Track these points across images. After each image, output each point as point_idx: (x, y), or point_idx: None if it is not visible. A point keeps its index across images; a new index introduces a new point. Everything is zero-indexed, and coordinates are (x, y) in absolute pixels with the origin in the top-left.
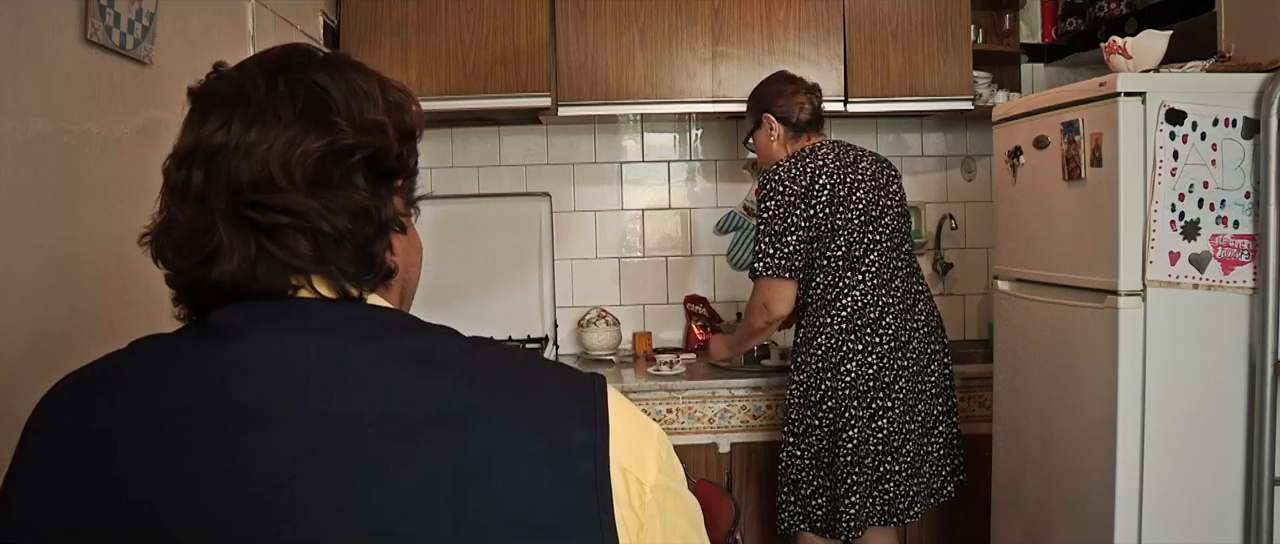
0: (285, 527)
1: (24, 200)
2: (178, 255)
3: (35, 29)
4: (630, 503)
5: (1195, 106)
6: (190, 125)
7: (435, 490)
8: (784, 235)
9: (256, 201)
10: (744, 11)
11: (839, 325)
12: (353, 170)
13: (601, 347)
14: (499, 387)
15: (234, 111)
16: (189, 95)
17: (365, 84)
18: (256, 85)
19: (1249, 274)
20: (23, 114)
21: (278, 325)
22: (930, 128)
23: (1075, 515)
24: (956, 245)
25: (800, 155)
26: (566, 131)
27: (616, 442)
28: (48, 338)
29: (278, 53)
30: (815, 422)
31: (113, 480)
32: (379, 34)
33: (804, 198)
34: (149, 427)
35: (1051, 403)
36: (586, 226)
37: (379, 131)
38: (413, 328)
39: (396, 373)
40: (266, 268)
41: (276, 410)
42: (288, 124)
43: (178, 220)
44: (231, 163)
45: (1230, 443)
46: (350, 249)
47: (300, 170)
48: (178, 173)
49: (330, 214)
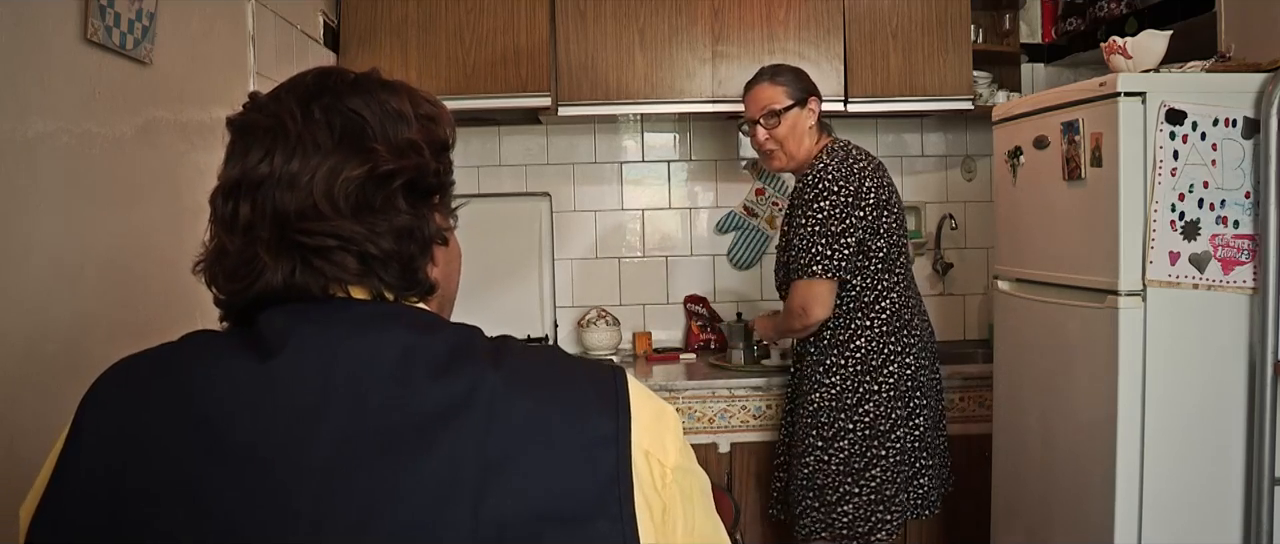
0: (322, 517)
1: (24, 200)
2: (229, 281)
3: (35, 29)
4: (654, 485)
5: (1195, 106)
6: (233, 156)
7: (463, 481)
8: (843, 236)
9: (303, 229)
10: (744, 11)
11: (879, 328)
12: (394, 194)
13: (601, 347)
14: (523, 380)
15: (274, 142)
16: (228, 126)
17: (397, 104)
18: (293, 115)
19: (1249, 274)
20: (23, 114)
21: (318, 324)
22: (930, 128)
23: (1075, 515)
24: (956, 245)
25: (844, 159)
26: (566, 131)
27: (639, 426)
28: (47, 338)
29: (311, 80)
30: (850, 425)
31: (160, 463)
32: (379, 34)
33: (856, 199)
34: (198, 415)
35: (1051, 403)
36: (586, 226)
37: (415, 152)
38: (440, 325)
39: (426, 368)
40: (310, 279)
41: (315, 402)
42: (327, 152)
43: (228, 251)
44: (276, 193)
45: (1230, 443)
46: (396, 267)
47: (344, 198)
48: (225, 205)
49: (376, 237)
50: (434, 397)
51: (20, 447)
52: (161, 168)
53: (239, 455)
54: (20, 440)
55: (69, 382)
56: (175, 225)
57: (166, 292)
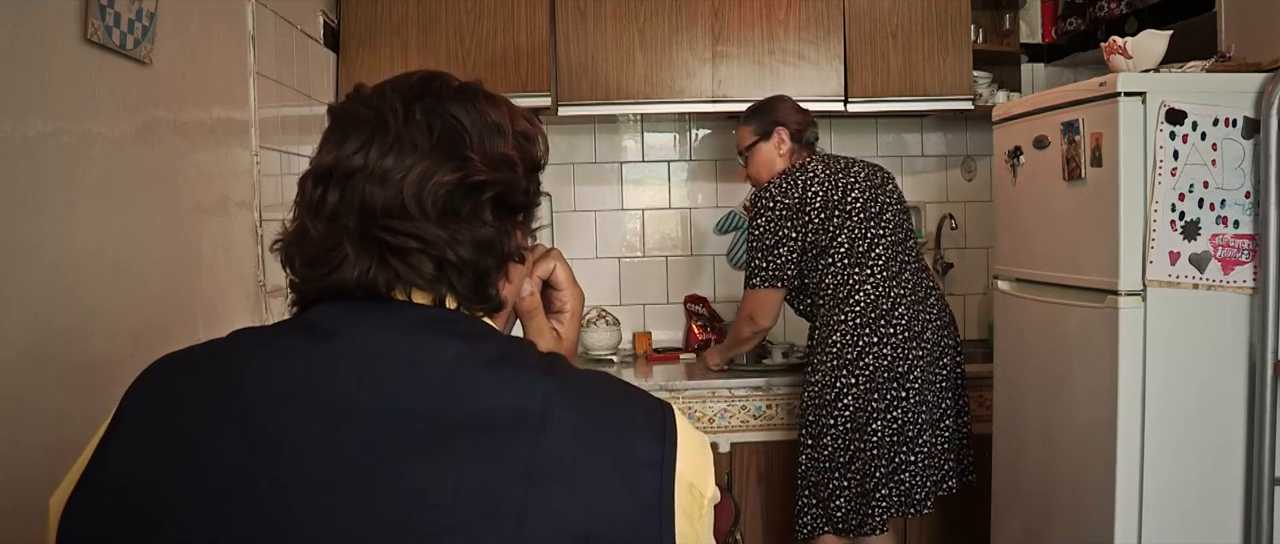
0: (366, 516)
1: (24, 200)
2: (306, 266)
3: (35, 29)
4: (691, 516)
5: (1195, 106)
6: (329, 144)
7: (509, 490)
8: (775, 248)
9: (387, 225)
10: (744, 11)
11: (853, 321)
12: (482, 205)
13: (601, 347)
14: (573, 396)
15: (372, 136)
16: (329, 113)
17: (496, 116)
18: (395, 112)
19: (1249, 274)
20: (23, 114)
21: (372, 323)
22: (930, 128)
23: (1075, 515)
24: (956, 245)
25: (790, 172)
26: (566, 131)
27: (684, 457)
28: (48, 338)
29: (417, 80)
30: (830, 420)
31: (204, 455)
32: (379, 34)
33: (798, 210)
34: (243, 409)
35: (1051, 403)
36: (586, 226)
37: (508, 167)
38: (494, 336)
39: (477, 373)
40: (382, 276)
41: (365, 403)
42: (423, 154)
43: (311, 235)
44: (366, 187)
45: (1230, 443)
46: (471, 277)
47: (432, 201)
48: (314, 190)
49: (456, 244)
50: (483, 403)
51: (21, 446)
52: (161, 168)
53: (283, 451)
54: (20, 440)
55: (69, 381)
56: (175, 225)
57: (167, 291)
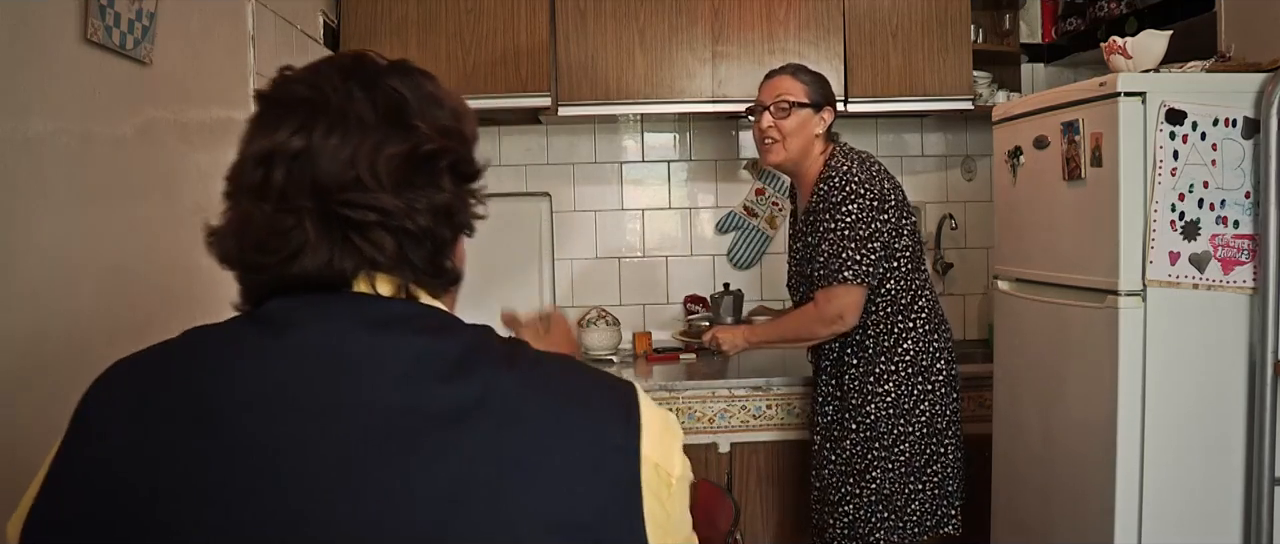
0: (332, 517)
1: (24, 200)
2: (259, 252)
3: (35, 29)
4: (659, 496)
5: (1195, 106)
6: (262, 128)
7: (476, 484)
8: (869, 241)
9: (347, 200)
10: (744, 11)
11: (921, 328)
12: (439, 173)
13: (601, 347)
14: (537, 385)
15: (314, 115)
16: (258, 98)
17: (433, 89)
18: (335, 88)
19: (1249, 274)
20: (23, 114)
21: (330, 316)
22: (930, 128)
23: (1075, 515)
24: (956, 245)
25: (863, 161)
26: (566, 131)
27: (649, 438)
28: (47, 338)
29: (348, 58)
30: (909, 428)
31: (169, 466)
32: (379, 34)
33: (880, 204)
34: (206, 415)
35: (1051, 403)
36: (586, 226)
37: (455, 136)
38: (454, 328)
39: (439, 370)
40: (346, 263)
41: (326, 401)
42: (370, 127)
43: (255, 219)
44: (317, 164)
45: (1230, 443)
46: (429, 247)
47: (387, 172)
48: (254, 172)
49: (414, 213)
50: (446, 399)
51: (20, 447)
52: (161, 168)
53: (250, 457)
54: (20, 441)
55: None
56: (175, 225)
57: (166, 292)
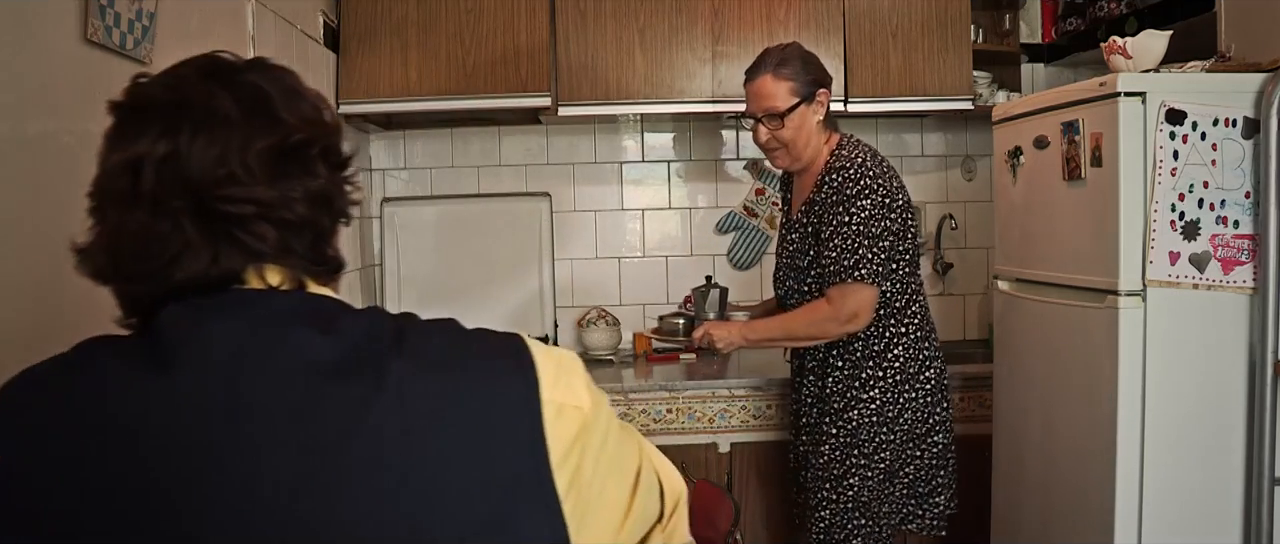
0: (253, 519)
1: (24, 200)
2: (137, 262)
3: (35, 29)
4: (572, 430)
5: (1195, 106)
6: (124, 136)
7: (384, 468)
8: (881, 239)
9: (224, 195)
10: (744, 11)
11: (914, 333)
12: (311, 161)
13: (601, 347)
14: (428, 360)
15: (178, 118)
16: (114, 108)
17: (292, 82)
18: (196, 89)
19: (1249, 274)
20: (23, 114)
21: (223, 319)
22: (930, 128)
23: (1075, 515)
24: (956, 245)
25: (873, 153)
26: (566, 131)
27: (546, 381)
28: (47, 339)
29: (204, 60)
30: (891, 436)
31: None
32: (379, 34)
33: (890, 200)
34: (108, 432)
35: (1051, 403)
36: (586, 226)
37: (321, 125)
38: (344, 317)
39: (338, 359)
40: (232, 260)
41: (229, 408)
42: (236, 124)
43: (128, 228)
44: (187, 165)
45: (1230, 443)
46: (310, 236)
47: (259, 165)
48: (121, 180)
49: (291, 202)
50: (344, 391)
51: None
52: None
53: (150, 475)
54: None
55: None
56: None
57: None
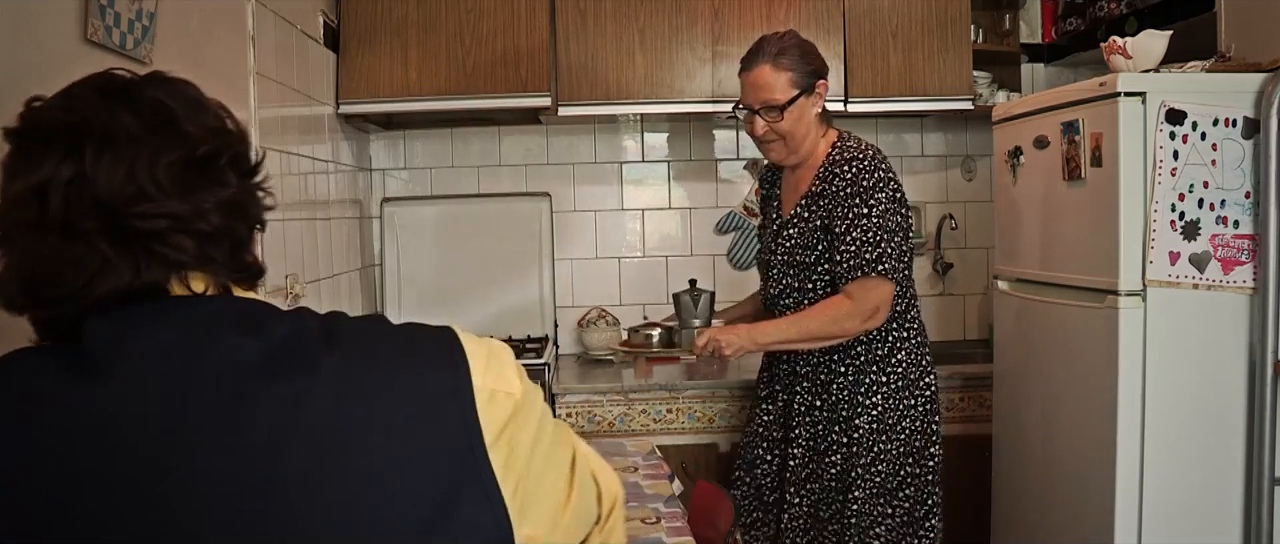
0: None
1: None
2: (52, 287)
3: (35, 29)
4: (506, 416)
5: (1195, 106)
6: (24, 163)
7: (323, 470)
8: (896, 235)
9: (137, 212)
10: (744, 11)
11: (915, 338)
12: (220, 171)
13: (601, 347)
14: (358, 360)
15: (80, 140)
16: (8, 135)
17: (194, 93)
18: (95, 108)
19: (1249, 274)
20: None
21: (154, 324)
22: (930, 128)
23: (1075, 515)
24: (956, 245)
25: (875, 149)
26: (566, 131)
27: (477, 370)
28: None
29: (100, 78)
30: (888, 446)
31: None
32: (379, 34)
33: (901, 195)
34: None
35: (1052, 403)
36: (586, 226)
37: (227, 134)
38: (271, 319)
39: (268, 362)
40: (155, 272)
41: (163, 407)
42: (141, 141)
43: (41, 254)
44: (95, 185)
45: (1230, 443)
46: (227, 245)
47: (169, 180)
48: (28, 208)
49: (205, 213)
50: (273, 394)
51: None
52: None
53: (87, 485)
54: None
55: None
56: None
57: None
